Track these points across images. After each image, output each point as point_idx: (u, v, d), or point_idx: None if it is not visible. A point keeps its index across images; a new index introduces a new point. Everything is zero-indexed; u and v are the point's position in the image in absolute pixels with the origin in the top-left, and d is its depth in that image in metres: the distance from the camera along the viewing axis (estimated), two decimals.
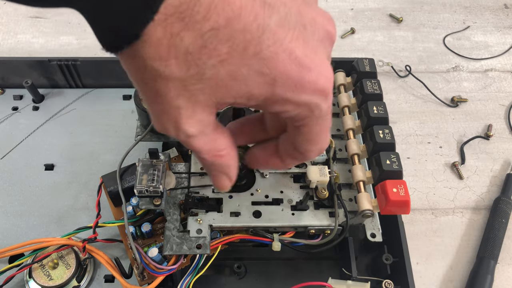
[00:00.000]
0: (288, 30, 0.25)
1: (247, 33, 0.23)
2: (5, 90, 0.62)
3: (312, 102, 0.27)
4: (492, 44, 0.75)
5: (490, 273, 0.50)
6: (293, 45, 0.25)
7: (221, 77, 0.24)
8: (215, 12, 0.22)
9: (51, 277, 0.45)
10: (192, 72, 0.24)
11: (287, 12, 0.24)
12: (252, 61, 0.24)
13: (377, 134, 0.43)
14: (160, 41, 0.23)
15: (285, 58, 0.25)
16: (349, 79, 0.50)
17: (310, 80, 0.26)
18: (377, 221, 0.43)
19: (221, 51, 0.23)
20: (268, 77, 0.25)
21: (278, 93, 0.26)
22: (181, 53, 0.23)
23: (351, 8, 0.80)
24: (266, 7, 0.24)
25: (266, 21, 0.24)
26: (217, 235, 0.42)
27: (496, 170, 0.61)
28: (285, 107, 0.27)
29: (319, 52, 0.27)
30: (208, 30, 0.23)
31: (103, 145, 0.57)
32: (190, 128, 0.27)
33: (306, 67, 0.25)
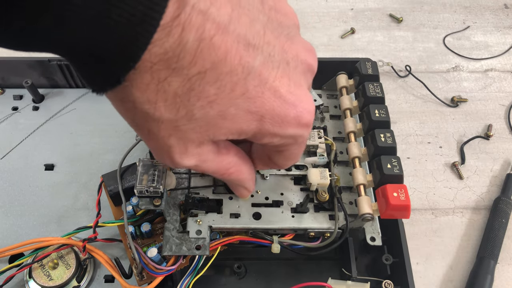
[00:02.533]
0: (272, 69, 0.26)
1: (234, 75, 0.24)
2: (5, 90, 0.62)
3: (297, 134, 0.29)
4: (492, 44, 0.75)
5: (490, 273, 0.50)
6: (278, 83, 0.26)
7: (210, 117, 0.25)
8: (200, 57, 0.23)
9: (51, 277, 0.45)
10: (182, 114, 0.25)
11: (271, 52, 0.26)
12: (239, 100, 0.25)
13: (379, 137, 0.42)
14: (148, 86, 0.23)
15: (271, 97, 0.26)
16: (351, 82, 0.50)
17: (295, 116, 0.28)
18: (377, 225, 0.43)
19: (209, 93, 0.24)
20: (256, 115, 0.26)
21: (266, 129, 0.27)
22: (170, 97, 0.24)
23: (351, 8, 0.80)
24: (250, 49, 0.24)
25: (251, 63, 0.24)
26: (217, 236, 0.42)
27: (496, 170, 0.61)
28: (272, 139, 0.29)
29: (301, 85, 0.28)
30: (195, 74, 0.23)
31: (103, 145, 0.57)
32: (186, 162, 0.28)
33: (290, 104, 0.27)
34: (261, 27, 0.25)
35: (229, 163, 0.32)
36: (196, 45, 0.22)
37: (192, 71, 0.23)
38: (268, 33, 0.25)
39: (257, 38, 0.25)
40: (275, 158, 0.33)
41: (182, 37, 0.22)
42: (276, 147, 0.31)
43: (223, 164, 0.31)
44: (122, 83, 0.23)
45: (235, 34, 0.23)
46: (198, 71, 0.23)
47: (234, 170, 0.33)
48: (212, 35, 0.23)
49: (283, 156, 0.32)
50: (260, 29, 0.25)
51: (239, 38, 0.24)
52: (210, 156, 0.29)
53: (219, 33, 0.23)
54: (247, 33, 0.24)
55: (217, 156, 0.30)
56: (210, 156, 0.29)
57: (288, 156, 0.32)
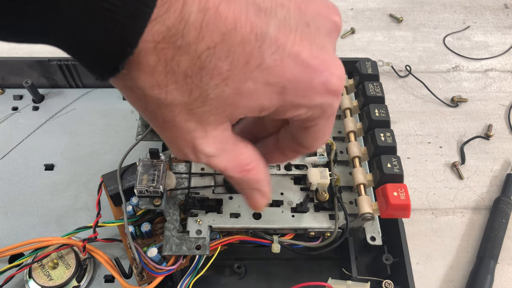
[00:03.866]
0: (290, 33, 0.23)
1: (246, 45, 0.22)
2: (5, 90, 0.61)
3: (325, 103, 0.26)
4: (492, 44, 0.75)
5: (490, 273, 0.50)
6: (298, 48, 0.23)
7: (226, 96, 0.23)
8: (207, 30, 0.21)
9: (51, 277, 0.45)
10: (195, 95, 0.23)
11: (286, 14, 0.23)
12: (256, 73, 0.23)
13: (379, 137, 0.42)
14: (155, 69, 0.22)
15: (291, 64, 0.23)
16: (351, 81, 0.50)
17: (322, 82, 0.25)
18: (377, 224, 0.43)
19: (222, 69, 0.22)
20: (276, 87, 0.24)
21: (289, 100, 0.25)
22: (180, 78, 0.22)
23: (351, 8, 0.80)
24: (262, 14, 0.22)
25: (264, 29, 0.22)
26: (217, 236, 0.42)
27: (496, 170, 0.61)
28: (297, 112, 0.26)
29: (327, 48, 0.25)
30: (205, 50, 0.21)
31: (103, 145, 0.57)
32: (207, 148, 0.26)
33: (315, 69, 0.24)
34: None
35: (248, 158, 0.29)
36: (200, 17, 0.20)
37: (201, 47, 0.21)
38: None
39: (269, 1, 0.22)
40: (302, 137, 0.29)
41: (184, 10, 0.20)
42: (303, 122, 0.27)
43: (242, 158, 0.29)
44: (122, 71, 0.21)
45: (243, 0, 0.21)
46: (207, 46, 0.21)
47: (252, 166, 0.29)
48: (218, 3, 0.21)
49: (311, 134, 0.29)
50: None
51: (247, 4, 0.22)
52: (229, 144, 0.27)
53: (224, 0, 0.21)
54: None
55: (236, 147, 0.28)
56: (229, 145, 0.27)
57: (317, 132, 0.29)
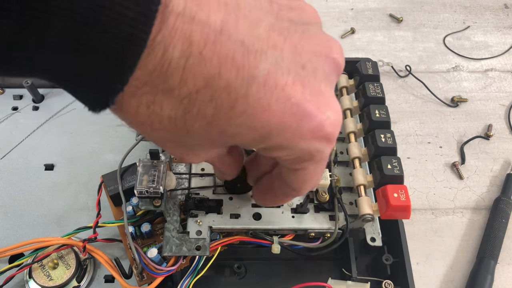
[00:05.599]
0: (282, 76, 0.22)
1: (232, 90, 0.21)
2: (5, 90, 0.61)
3: (313, 148, 0.24)
4: (492, 44, 0.75)
5: (490, 273, 0.50)
6: (289, 92, 0.22)
7: (212, 136, 0.23)
8: (190, 74, 0.20)
9: (51, 277, 0.45)
10: (182, 133, 0.23)
11: (278, 56, 0.21)
12: (240, 119, 0.22)
13: (379, 138, 0.42)
14: (138, 111, 0.21)
15: (280, 108, 0.22)
16: (351, 82, 0.50)
17: (311, 128, 0.23)
18: (377, 225, 0.43)
19: (206, 113, 0.21)
20: (261, 131, 0.23)
21: (274, 143, 0.24)
22: (165, 119, 0.22)
23: (351, 8, 0.80)
24: (251, 57, 0.21)
25: (252, 73, 0.21)
26: (217, 236, 0.42)
27: (496, 170, 0.61)
28: (282, 153, 0.25)
29: (323, 91, 0.23)
30: (187, 95, 0.20)
31: (103, 145, 0.57)
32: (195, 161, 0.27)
33: (306, 115, 0.23)
34: (265, 30, 0.21)
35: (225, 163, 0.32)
36: (183, 61, 0.20)
37: (183, 92, 0.20)
38: (274, 35, 0.22)
39: (259, 43, 0.21)
40: (291, 179, 0.28)
41: (166, 54, 0.19)
42: (290, 164, 0.26)
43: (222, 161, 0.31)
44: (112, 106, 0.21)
45: (230, 41, 0.20)
46: (190, 91, 0.20)
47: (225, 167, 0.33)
48: (202, 47, 0.20)
49: (299, 177, 0.28)
50: (263, 32, 0.21)
51: (235, 46, 0.20)
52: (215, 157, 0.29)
53: (210, 43, 0.20)
54: (246, 38, 0.20)
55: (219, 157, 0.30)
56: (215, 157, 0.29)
57: (305, 177, 0.27)
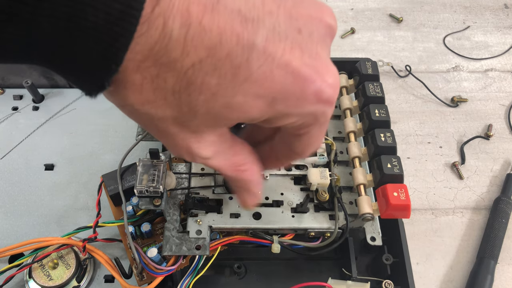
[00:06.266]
0: (279, 42, 0.22)
1: (233, 58, 0.21)
2: (5, 90, 0.61)
3: (318, 111, 0.25)
4: (492, 44, 0.75)
5: (490, 273, 0.50)
6: (288, 57, 0.22)
7: (216, 110, 0.23)
8: (192, 45, 0.20)
9: (51, 277, 0.45)
10: (185, 110, 0.23)
11: (274, 22, 0.22)
12: (245, 86, 0.22)
13: (379, 137, 0.42)
14: (142, 86, 0.21)
15: (281, 74, 0.22)
16: (351, 81, 0.50)
17: (314, 91, 0.24)
18: (377, 224, 0.43)
19: (210, 84, 0.21)
20: (266, 98, 0.23)
21: (279, 110, 0.24)
22: (169, 94, 0.22)
23: (351, 8, 0.80)
24: (249, 25, 0.21)
25: (251, 40, 0.21)
26: (217, 236, 0.42)
27: (496, 170, 0.61)
28: (288, 120, 0.25)
29: (320, 54, 0.24)
30: (190, 66, 0.21)
31: (103, 145, 0.57)
32: (203, 152, 0.26)
33: (307, 78, 0.23)
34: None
35: (243, 159, 0.30)
36: (183, 32, 0.20)
37: (186, 63, 0.21)
38: (268, 2, 0.22)
39: (255, 10, 0.21)
40: (295, 144, 0.29)
41: (166, 27, 0.20)
42: (295, 130, 0.27)
43: (237, 159, 0.29)
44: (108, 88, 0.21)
45: (228, 10, 0.21)
46: (192, 62, 0.21)
47: (247, 167, 0.30)
48: (201, 17, 0.20)
49: (303, 140, 0.28)
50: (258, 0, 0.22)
51: (232, 14, 0.21)
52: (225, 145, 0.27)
53: (208, 13, 0.20)
54: (242, 6, 0.21)
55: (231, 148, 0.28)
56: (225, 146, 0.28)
57: (309, 139, 0.28)
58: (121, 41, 0.19)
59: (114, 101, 0.23)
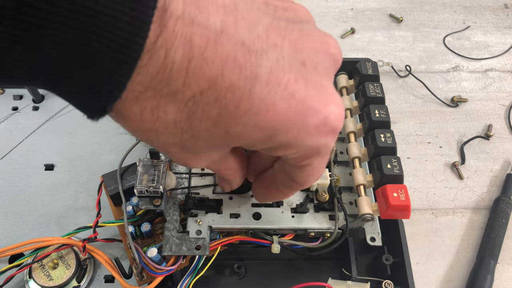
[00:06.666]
0: (284, 74, 0.22)
1: (235, 90, 0.21)
2: (5, 90, 0.61)
3: (320, 143, 0.25)
4: (492, 44, 0.75)
5: (490, 273, 0.50)
6: (292, 89, 0.22)
7: (217, 136, 0.23)
8: (194, 77, 0.20)
9: (51, 277, 0.45)
10: (186, 137, 0.23)
11: (278, 55, 0.22)
12: (246, 118, 0.22)
13: (379, 137, 0.42)
14: (142, 117, 0.21)
15: (284, 106, 0.22)
16: (351, 82, 0.50)
17: (317, 123, 0.23)
18: (377, 225, 0.43)
19: (211, 114, 0.21)
20: (267, 130, 0.23)
21: (280, 142, 0.24)
22: (170, 124, 0.22)
23: (351, 8, 0.80)
24: (253, 57, 0.21)
25: (254, 72, 0.21)
26: (217, 236, 0.42)
27: (496, 170, 0.61)
28: (288, 151, 0.25)
29: (323, 85, 0.24)
30: (191, 97, 0.21)
31: (103, 145, 0.57)
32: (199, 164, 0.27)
33: (312, 110, 0.23)
34: (264, 29, 0.22)
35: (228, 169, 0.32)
36: (185, 64, 0.20)
37: (187, 95, 0.20)
38: (273, 34, 0.22)
39: (259, 42, 0.21)
40: (296, 175, 0.29)
41: (168, 57, 0.19)
42: (296, 161, 0.27)
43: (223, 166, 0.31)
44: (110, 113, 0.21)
45: (231, 42, 0.20)
46: (193, 93, 0.20)
47: (230, 173, 0.32)
48: (203, 48, 0.20)
49: (304, 172, 0.28)
50: (262, 31, 0.21)
51: (236, 46, 0.20)
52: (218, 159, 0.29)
53: (211, 44, 0.20)
54: (246, 38, 0.21)
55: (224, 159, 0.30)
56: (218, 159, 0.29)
57: (310, 171, 0.28)
58: (124, 68, 0.19)
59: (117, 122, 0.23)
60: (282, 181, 0.31)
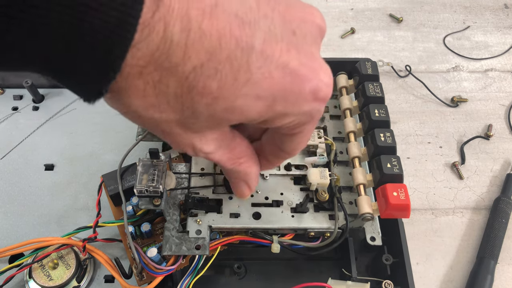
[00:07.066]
0: (276, 43, 0.23)
1: (233, 61, 0.22)
2: (5, 90, 0.61)
3: (314, 109, 0.26)
4: (492, 44, 0.75)
5: (490, 273, 0.50)
6: (286, 58, 0.23)
7: (218, 113, 0.23)
8: (193, 49, 0.21)
9: (51, 277, 0.45)
10: (188, 114, 0.23)
11: (270, 25, 0.23)
12: (246, 89, 0.23)
13: (378, 137, 0.42)
14: (145, 92, 0.22)
15: (280, 75, 0.23)
16: (351, 82, 0.50)
17: (311, 89, 0.25)
18: (377, 224, 0.43)
19: (212, 88, 0.22)
20: (266, 100, 0.24)
21: (279, 111, 0.25)
22: (171, 98, 0.22)
23: (351, 8, 0.80)
24: (246, 27, 0.22)
25: (250, 43, 0.22)
26: (217, 236, 0.42)
27: (496, 170, 0.61)
28: (286, 120, 0.26)
29: (314, 54, 0.25)
30: (192, 70, 0.21)
31: (103, 145, 0.57)
32: (206, 147, 0.27)
33: (304, 77, 0.24)
34: (254, 1, 0.23)
35: (241, 152, 0.31)
36: (184, 37, 0.20)
37: (188, 67, 0.21)
38: (263, 5, 0.23)
39: (251, 14, 0.22)
40: (285, 143, 0.30)
41: (167, 32, 0.20)
42: (289, 130, 0.28)
43: (236, 152, 0.30)
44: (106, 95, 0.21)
45: (226, 14, 0.21)
46: (194, 66, 0.21)
47: (244, 160, 0.31)
48: (200, 21, 0.20)
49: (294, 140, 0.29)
50: (253, 3, 0.22)
51: (230, 18, 0.21)
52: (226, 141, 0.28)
53: (207, 17, 0.21)
54: (239, 10, 0.22)
55: (231, 143, 0.29)
56: (226, 142, 0.28)
57: (301, 138, 0.29)
58: (118, 49, 0.19)
59: (118, 107, 0.23)
60: (271, 151, 0.32)
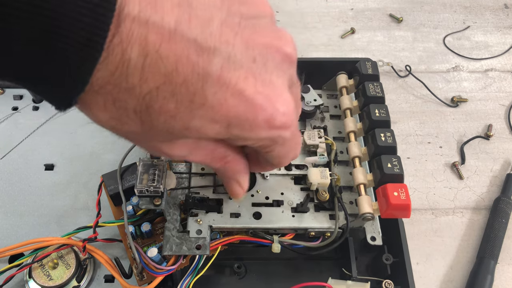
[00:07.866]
0: (234, 71, 0.23)
1: (189, 85, 0.22)
2: (5, 90, 0.61)
3: (273, 136, 0.26)
4: (492, 44, 0.75)
5: (490, 273, 0.50)
6: (242, 85, 0.23)
7: (176, 130, 0.24)
8: (150, 72, 0.21)
9: (51, 277, 0.45)
10: (147, 128, 0.24)
11: (230, 52, 0.23)
12: (201, 112, 0.23)
13: (379, 137, 0.42)
14: (106, 106, 0.22)
15: (235, 102, 0.23)
16: (351, 81, 0.50)
17: (265, 119, 0.25)
18: (378, 224, 0.43)
19: (169, 108, 0.23)
20: (221, 123, 0.24)
21: (235, 134, 0.25)
22: (131, 113, 0.23)
23: (351, 8, 0.80)
24: (205, 54, 0.22)
25: (206, 69, 0.22)
26: (217, 236, 0.42)
27: (496, 170, 0.61)
28: (246, 142, 0.27)
29: (274, 82, 0.25)
30: (148, 92, 0.22)
31: (103, 145, 0.57)
32: (177, 152, 0.27)
33: (259, 107, 0.24)
34: (217, 27, 0.23)
35: (224, 151, 0.30)
36: (141, 61, 0.21)
37: (144, 89, 0.22)
38: (226, 31, 0.23)
39: (212, 40, 0.22)
40: (267, 157, 0.31)
41: (125, 54, 0.21)
42: (259, 148, 0.28)
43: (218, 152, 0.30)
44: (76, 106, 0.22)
45: (184, 39, 0.21)
46: (150, 88, 0.22)
47: (231, 158, 0.31)
48: (158, 46, 0.21)
49: (273, 157, 0.30)
50: (215, 29, 0.23)
51: (189, 43, 0.22)
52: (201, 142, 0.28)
53: (165, 42, 0.21)
54: (199, 36, 0.22)
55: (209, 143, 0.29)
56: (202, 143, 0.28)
57: (277, 155, 0.30)
58: (86, 65, 0.20)
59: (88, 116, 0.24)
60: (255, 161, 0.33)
